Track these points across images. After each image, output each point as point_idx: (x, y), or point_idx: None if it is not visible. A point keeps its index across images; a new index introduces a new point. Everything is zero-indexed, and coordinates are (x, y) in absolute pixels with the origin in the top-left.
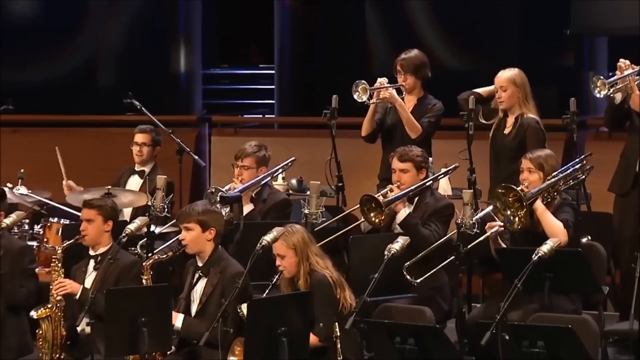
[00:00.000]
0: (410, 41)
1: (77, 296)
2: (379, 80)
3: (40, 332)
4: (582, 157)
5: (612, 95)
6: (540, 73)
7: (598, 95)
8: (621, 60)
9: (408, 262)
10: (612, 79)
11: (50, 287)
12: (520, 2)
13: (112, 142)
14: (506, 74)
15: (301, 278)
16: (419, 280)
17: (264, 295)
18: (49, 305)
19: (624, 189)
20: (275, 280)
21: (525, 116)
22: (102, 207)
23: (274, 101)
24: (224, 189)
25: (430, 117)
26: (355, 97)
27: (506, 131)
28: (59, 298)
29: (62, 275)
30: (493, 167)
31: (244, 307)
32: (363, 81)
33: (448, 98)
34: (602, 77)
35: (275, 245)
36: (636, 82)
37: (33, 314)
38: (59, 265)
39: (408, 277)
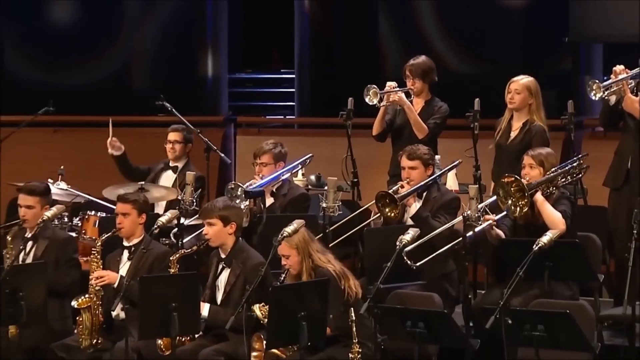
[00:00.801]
0: (420, 48)
1: (115, 285)
2: (388, 84)
3: (80, 319)
4: (580, 156)
5: (606, 97)
6: (540, 77)
7: (594, 98)
8: (617, 65)
9: (409, 247)
10: (607, 82)
11: (90, 277)
12: (523, 12)
13: (145, 141)
14: (524, 80)
15: (304, 274)
16: (417, 264)
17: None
18: (89, 295)
19: (617, 184)
20: (282, 278)
21: (534, 123)
22: (136, 201)
23: (294, 103)
24: (244, 185)
25: (437, 118)
26: (366, 100)
27: (512, 135)
28: (98, 288)
29: (101, 267)
30: (496, 169)
31: (256, 309)
32: (374, 86)
33: (456, 100)
34: (597, 81)
35: (280, 247)
36: (629, 86)
37: (74, 303)
38: (98, 257)
39: (408, 261)
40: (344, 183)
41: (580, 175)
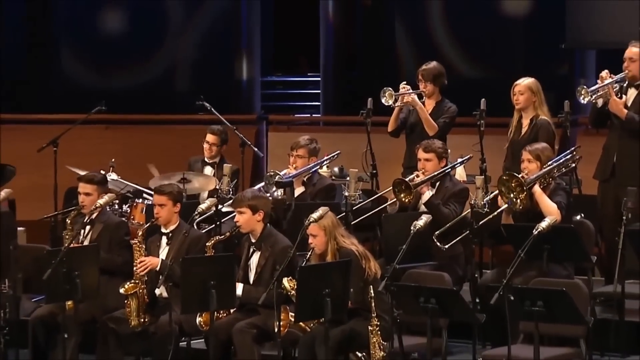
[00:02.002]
0: (431, 54)
1: (158, 268)
2: (402, 85)
3: (128, 302)
4: (572, 148)
5: (594, 101)
6: (540, 80)
7: (582, 101)
8: (603, 71)
9: (438, 232)
10: (594, 87)
11: (134, 264)
12: (524, 22)
13: (186, 137)
14: (525, 82)
15: (329, 254)
16: (447, 246)
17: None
18: (134, 281)
19: (605, 176)
20: (307, 256)
21: (540, 118)
22: (171, 192)
23: (319, 103)
24: (280, 173)
25: (446, 118)
26: (382, 101)
27: (523, 131)
28: (142, 274)
29: (144, 254)
30: (508, 161)
31: (285, 281)
32: (389, 88)
33: (464, 101)
34: (585, 87)
35: (310, 227)
36: (614, 89)
37: (121, 290)
38: (141, 245)
39: (438, 243)
40: (364, 174)
41: (574, 165)
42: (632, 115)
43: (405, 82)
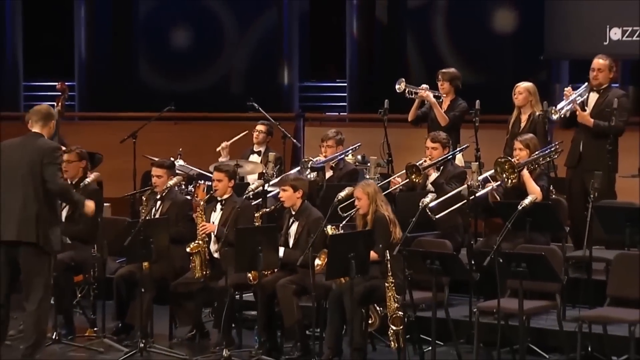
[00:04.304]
0: (436, 63)
1: (215, 233)
2: (422, 85)
3: (193, 257)
4: (556, 143)
5: (563, 116)
6: None
7: (554, 118)
8: (566, 88)
9: (430, 204)
10: (560, 105)
11: (197, 228)
12: (511, 38)
13: (239, 131)
14: (524, 85)
15: (369, 214)
16: (437, 216)
17: (341, 225)
18: (197, 242)
19: (573, 163)
20: (352, 213)
21: (536, 114)
22: (228, 170)
23: (345, 103)
24: (314, 159)
25: (456, 111)
26: (396, 87)
27: (522, 125)
28: (203, 236)
29: (204, 220)
30: (508, 149)
31: (329, 229)
32: (403, 79)
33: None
34: (554, 107)
35: (357, 191)
36: (578, 101)
37: (188, 249)
38: (202, 212)
39: (429, 213)
40: (381, 161)
41: (556, 156)
42: (598, 123)
43: (425, 85)
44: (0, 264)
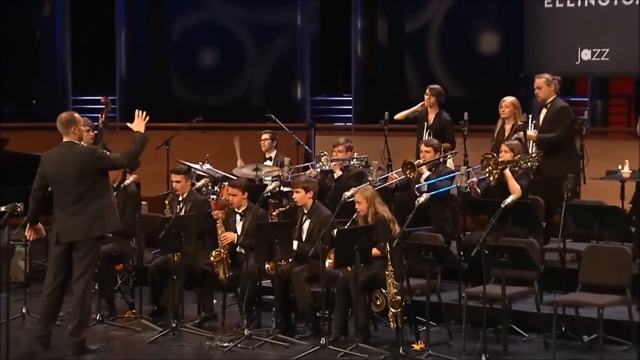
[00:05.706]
0: (429, 79)
1: (235, 241)
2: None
3: (216, 264)
4: (538, 152)
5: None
6: None
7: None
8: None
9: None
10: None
11: (218, 237)
12: (496, 57)
13: (259, 139)
14: (509, 99)
15: (369, 216)
16: (421, 201)
17: (346, 226)
18: (219, 250)
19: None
20: (354, 216)
21: (519, 123)
22: (241, 185)
23: (351, 115)
24: (327, 154)
25: (446, 131)
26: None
27: (506, 134)
28: (224, 244)
29: (224, 230)
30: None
31: (335, 232)
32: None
33: (452, 114)
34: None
35: (356, 196)
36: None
37: (211, 258)
38: (222, 224)
39: (417, 193)
40: (382, 165)
41: (537, 163)
42: (540, 137)
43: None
44: (58, 255)
